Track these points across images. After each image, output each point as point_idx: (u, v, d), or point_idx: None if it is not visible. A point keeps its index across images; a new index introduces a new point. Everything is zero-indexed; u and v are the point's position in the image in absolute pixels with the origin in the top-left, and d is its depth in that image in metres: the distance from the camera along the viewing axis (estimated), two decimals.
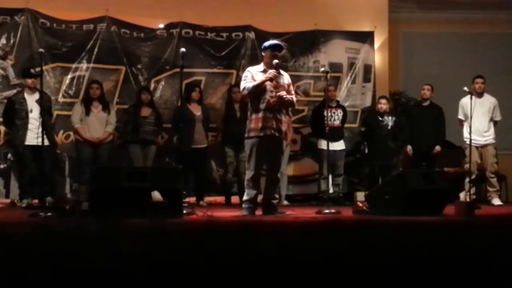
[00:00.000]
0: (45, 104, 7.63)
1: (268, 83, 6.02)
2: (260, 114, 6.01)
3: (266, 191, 6.26)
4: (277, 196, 6.42)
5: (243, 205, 6.21)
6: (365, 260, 1.40)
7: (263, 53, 6.34)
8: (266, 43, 6.32)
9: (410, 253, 1.48)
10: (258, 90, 5.99)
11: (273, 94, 6.01)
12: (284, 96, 6.00)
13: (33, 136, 6.93)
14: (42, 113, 7.37)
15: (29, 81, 7.49)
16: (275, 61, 6.04)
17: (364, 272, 1.37)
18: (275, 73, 5.99)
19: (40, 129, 7.41)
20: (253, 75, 6.11)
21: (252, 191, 6.10)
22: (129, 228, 1.77)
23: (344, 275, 1.35)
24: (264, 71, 6.10)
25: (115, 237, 1.56)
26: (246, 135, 6.13)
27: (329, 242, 1.56)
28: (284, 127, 6.17)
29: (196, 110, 8.20)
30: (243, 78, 6.21)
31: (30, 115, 7.42)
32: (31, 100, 7.47)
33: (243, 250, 1.48)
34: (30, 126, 7.40)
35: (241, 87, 6.16)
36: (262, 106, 6.01)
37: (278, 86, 6.07)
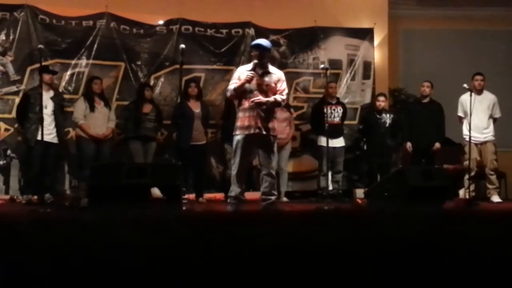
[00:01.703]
0: (59, 103, 7.69)
1: (253, 82, 6.05)
2: (247, 113, 6.05)
3: (263, 189, 6.30)
4: (275, 192, 6.40)
5: (228, 200, 6.25)
6: (365, 249, 1.41)
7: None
8: (252, 42, 6.39)
9: (410, 243, 1.48)
10: (240, 91, 6.05)
11: (257, 92, 6.04)
12: (257, 101, 5.99)
13: (45, 132, 6.94)
14: (55, 111, 7.45)
15: (47, 77, 7.46)
16: (255, 61, 6.12)
17: (364, 260, 1.37)
18: (252, 75, 6.02)
19: (53, 126, 7.50)
20: (240, 75, 6.16)
21: (237, 188, 6.11)
22: (125, 218, 1.78)
23: (345, 264, 1.36)
24: (251, 70, 6.12)
25: (111, 226, 1.56)
26: (233, 133, 6.19)
27: (329, 232, 1.56)
28: (272, 124, 6.15)
29: (195, 107, 8.18)
30: (232, 78, 6.32)
31: (44, 111, 7.35)
32: (47, 97, 7.42)
33: (241, 239, 1.49)
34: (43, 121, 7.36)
35: (228, 88, 6.29)
36: (248, 105, 6.05)
37: (262, 85, 6.09)
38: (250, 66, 6.25)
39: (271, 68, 6.28)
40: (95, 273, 1.31)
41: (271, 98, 6.09)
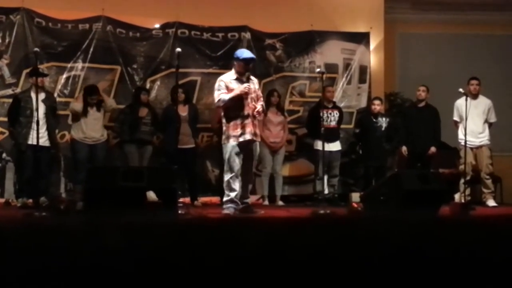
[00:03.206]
0: (50, 105, 7.65)
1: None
2: (239, 121, 6.29)
3: (241, 192, 6.41)
4: (249, 195, 6.69)
5: (226, 205, 6.35)
6: (356, 255, 1.41)
7: (235, 62, 6.54)
8: (240, 55, 6.52)
9: (402, 248, 1.48)
10: (233, 102, 6.29)
11: (249, 100, 6.32)
12: (262, 110, 6.42)
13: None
14: (47, 114, 7.43)
15: (38, 80, 7.44)
16: (248, 73, 6.37)
17: (354, 267, 1.37)
18: (249, 86, 6.30)
19: (44, 129, 7.47)
20: (227, 84, 6.37)
21: (233, 192, 6.30)
22: (115, 223, 1.77)
23: (335, 270, 1.36)
24: (237, 79, 6.37)
25: (101, 231, 1.56)
26: (225, 141, 6.36)
27: (319, 237, 1.56)
28: (258, 130, 6.48)
29: (182, 110, 8.13)
30: (216, 87, 6.46)
31: (35, 114, 7.33)
32: (38, 99, 7.39)
33: (231, 245, 1.48)
34: (34, 125, 7.29)
35: (216, 97, 6.41)
36: (240, 113, 6.29)
37: (251, 93, 6.37)
38: (232, 75, 6.47)
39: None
40: (89, 278, 1.31)
41: (262, 108, 6.51)
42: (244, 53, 6.55)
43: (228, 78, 6.43)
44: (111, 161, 8.12)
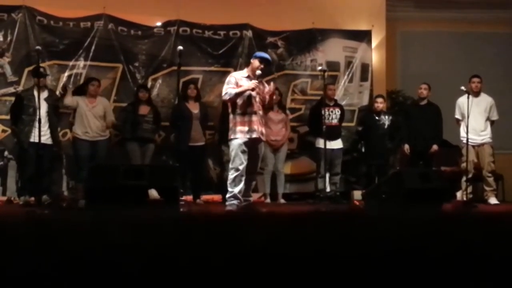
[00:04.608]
0: (52, 103, 7.65)
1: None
2: (246, 118, 6.26)
3: (244, 190, 6.39)
4: (251, 194, 6.67)
5: (229, 201, 6.32)
6: (357, 252, 1.41)
7: (251, 60, 6.48)
8: (258, 54, 6.53)
9: (404, 246, 1.48)
10: (239, 97, 6.25)
11: (257, 99, 6.29)
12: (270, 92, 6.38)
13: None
14: (49, 112, 7.42)
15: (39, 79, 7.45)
16: (259, 72, 6.29)
17: (355, 264, 1.37)
18: (257, 84, 6.25)
19: (46, 127, 7.46)
20: (237, 81, 6.34)
21: (237, 188, 6.26)
22: (120, 219, 1.78)
23: (336, 268, 1.36)
24: (248, 77, 6.34)
25: (106, 227, 1.56)
26: (231, 137, 6.30)
27: (320, 234, 1.56)
28: (264, 129, 6.46)
29: (194, 108, 8.19)
30: (226, 82, 6.42)
31: (38, 112, 7.32)
32: (40, 98, 7.39)
33: (232, 242, 1.49)
34: (36, 123, 7.29)
35: (224, 91, 6.36)
36: (248, 109, 6.26)
37: (262, 92, 6.35)
38: (245, 72, 6.47)
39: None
40: (91, 274, 1.31)
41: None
42: (263, 53, 6.61)
43: (240, 75, 6.46)
44: (113, 159, 8.12)
